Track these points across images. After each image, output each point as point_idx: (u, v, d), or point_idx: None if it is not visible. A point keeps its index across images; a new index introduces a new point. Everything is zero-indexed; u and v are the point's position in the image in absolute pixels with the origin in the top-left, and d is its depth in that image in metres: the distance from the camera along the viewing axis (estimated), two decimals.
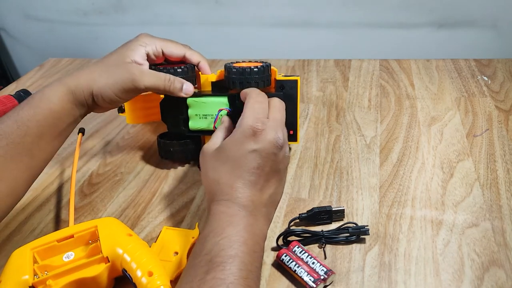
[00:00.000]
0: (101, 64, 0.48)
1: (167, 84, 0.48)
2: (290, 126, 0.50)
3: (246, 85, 0.47)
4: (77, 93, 0.45)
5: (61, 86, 0.45)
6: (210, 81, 0.52)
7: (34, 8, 1.10)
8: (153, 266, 0.37)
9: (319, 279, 0.38)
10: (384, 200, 0.48)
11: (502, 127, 0.59)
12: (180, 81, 0.49)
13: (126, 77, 0.46)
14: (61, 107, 0.45)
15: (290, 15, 0.94)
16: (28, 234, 0.48)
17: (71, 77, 0.46)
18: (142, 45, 0.49)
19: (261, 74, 0.48)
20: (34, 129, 0.43)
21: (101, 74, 0.46)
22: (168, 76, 0.48)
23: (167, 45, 0.51)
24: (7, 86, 0.86)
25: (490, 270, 0.40)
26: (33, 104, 0.44)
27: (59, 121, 0.45)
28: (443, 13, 0.85)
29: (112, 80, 0.46)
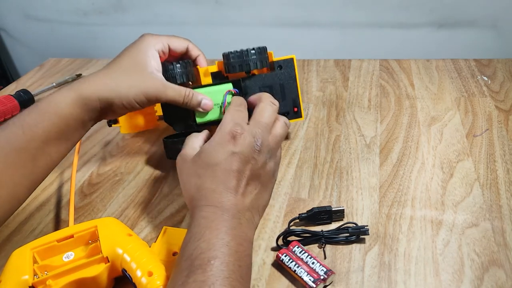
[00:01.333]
0: (117, 70, 0.47)
1: (186, 100, 0.48)
2: (293, 103, 0.53)
3: (245, 67, 0.49)
4: (89, 98, 0.44)
5: (70, 91, 0.44)
6: (210, 72, 0.53)
7: (34, 8, 1.10)
8: (153, 266, 0.37)
9: (319, 279, 0.38)
10: (384, 200, 0.48)
11: (502, 127, 0.59)
12: (197, 96, 0.49)
13: (151, 90, 0.46)
14: (69, 112, 0.43)
15: (290, 15, 0.94)
16: (28, 234, 0.48)
17: (82, 83, 0.45)
18: (152, 46, 0.49)
19: (259, 55, 0.50)
20: (40, 134, 0.42)
21: (121, 82, 0.46)
22: (188, 92, 0.48)
23: (171, 41, 0.51)
24: (7, 86, 0.86)
25: (490, 270, 0.40)
26: (40, 109, 0.43)
27: (66, 127, 0.44)
28: (443, 13, 0.85)
29: (135, 91, 0.45)
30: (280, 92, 0.52)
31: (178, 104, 0.48)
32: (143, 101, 0.46)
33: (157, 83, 0.47)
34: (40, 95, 0.78)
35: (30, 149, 0.42)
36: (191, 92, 0.48)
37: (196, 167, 0.40)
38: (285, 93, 0.52)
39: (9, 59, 1.25)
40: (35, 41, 1.17)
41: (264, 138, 0.40)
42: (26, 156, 0.42)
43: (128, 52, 0.48)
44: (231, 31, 1.00)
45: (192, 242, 0.35)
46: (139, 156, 0.60)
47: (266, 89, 0.52)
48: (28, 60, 1.23)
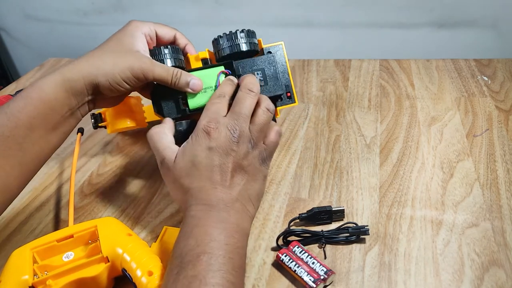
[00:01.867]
0: (103, 51, 0.46)
1: (174, 79, 0.47)
2: (285, 89, 0.53)
3: (235, 48, 0.49)
4: (75, 81, 0.43)
5: (55, 75, 0.43)
6: (201, 58, 0.52)
7: (34, 8, 1.10)
8: (153, 265, 0.37)
9: (319, 279, 0.38)
10: (384, 200, 0.48)
11: (502, 127, 0.59)
12: (187, 75, 0.48)
13: (137, 66, 0.45)
14: (54, 97, 0.42)
15: (290, 15, 0.94)
16: (28, 234, 0.48)
17: (67, 66, 0.44)
18: (139, 29, 0.48)
19: (248, 38, 0.50)
20: (25, 120, 0.41)
21: (106, 61, 0.44)
22: (177, 71, 0.47)
23: (158, 27, 0.51)
24: (7, 86, 0.86)
25: (490, 270, 0.40)
26: (24, 95, 0.42)
27: (52, 111, 0.42)
28: (443, 13, 0.85)
29: (121, 66, 0.44)
30: (272, 75, 0.52)
31: (166, 83, 0.47)
32: (129, 78, 0.45)
33: (144, 59, 0.46)
34: None
35: (17, 137, 0.41)
36: (179, 72, 0.47)
37: (179, 171, 0.40)
38: (277, 77, 0.52)
39: (9, 59, 1.25)
40: (35, 41, 1.17)
41: (242, 129, 0.40)
42: (13, 144, 0.41)
43: (114, 35, 0.48)
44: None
45: (181, 241, 0.35)
46: (139, 156, 0.60)
47: (259, 72, 0.51)
48: (28, 60, 1.23)
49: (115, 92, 0.46)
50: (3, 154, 0.40)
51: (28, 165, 0.43)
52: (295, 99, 0.53)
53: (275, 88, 0.50)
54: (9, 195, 0.42)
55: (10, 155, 0.41)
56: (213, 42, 0.51)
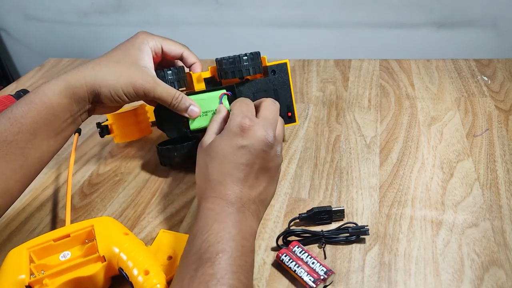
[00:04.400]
0: (108, 61, 0.46)
1: (174, 102, 0.48)
2: (287, 109, 0.53)
3: (238, 73, 0.49)
4: (78, 88, 0.43)
5: (58, 81, 0.43)
6: (204, 78, 0.53)
7: (34, 8, 1.10)
8: (150, 264, 0.37)
9: (319, 279, 0.38)
10: (384, 200, 0.48)
11: (502, 127, 0.59)
12: (187, 100, 0.49)
13: (140, 83, 0.45)
14: (57, 102, 0.43)
15: (290, 15, 0.94)
16: (28, 234, 0.48)
17: (71, 72, 0.44)
18: (146, 43, 0.48)
19: (252, 61, 0.50)
20: (28, 125, 0.41)
21: (110, 71, 0.45)
22: (178, 94, 0.48)
23: (166, 43, 0.51)
24: (7, 86, 0.86)
25: (490, 270, 0.39)
26: (28, 100, 0.42)
27: (54, 117, 0.43)
28: (443, 13, 0.85)
29: (124, 81, 0.45)
30: (274, 97, 0.52)
31: (166, 104, 0.48)
32: (130, 93, 0.45)
33: (147, 78, 0.46)
34: None
35: (19, 142, 0.41)
36: (180, 95, 0.48)
37: (206, 157, 0.41)
38: (279, 98, 0.52)
39: (9, 59, 1.25)
40: (35, 41, 1.17)
41: (275, 132, 0.41)
42: (16, 148, 0.41)
43: (121, 45, 0.48)
44: (231, 31, 1.00)
45: (200, 235, 0.35)
46: (139, 156, 0.60)
47: (260, 94, 0.52)
48: (28, 60, 1.23)
49: (114, 103, 0.46)
50: (5, 159, 0.40)
51: (29, 169, 0.43)
52: (296, 118, 0.54)
53: None
54: (9, 198, 0.42)
55: (12, 160, 0.41)
56: (217, 60, 0.51)
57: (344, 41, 0.94)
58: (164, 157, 0.53)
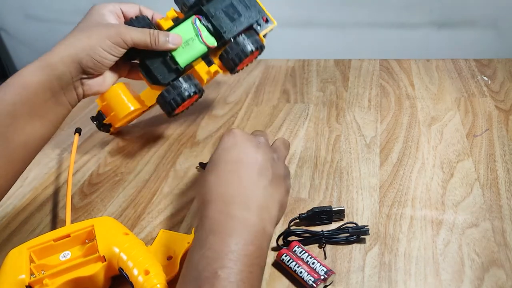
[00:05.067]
0: (77, 31, 0.46)
1: (152, 38, 0.47)
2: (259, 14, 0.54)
3: None
4: (55, 63, 0.43)
5: (34, 62, 0.43)
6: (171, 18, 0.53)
7: (34, 8, 1.10)
8: (150, 264, 0.37)
9: (319, 279, 0.38)
10: (384, 200, 0.48)
11: (502, 127, 0.59)
12: (164, 33, 0.48)
13: (112, 32, 0.45)
14: (35, 81, 0.42)
15: (290, 15, 0.94)
16: (28, 234, 0.48)
17: (46, 53, 0.44)
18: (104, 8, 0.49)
19: None
20: (7, 108, 0.40)
21: (81, 38, 0.45)
22: (153, 31, 0.48)
23: (122, 5, 0.51)
24: None
25: (490, 270, 0.39)
26: (4, 84, 0.42)
27: (34, 97, 0.42)
28: (443, 13, 0.85)
29: (97, 37, 0.45)
30: (242, 6, 0.52)
31: (145, 44, 0.47)
32: (109, 46, 0.45)
33: (118, 26, 0.46)
34: None
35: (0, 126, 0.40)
36: (156, 31, 0.48)
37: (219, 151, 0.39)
38: (247, 6, 0.53)
39: (9, 59, 1.25)
40: (35, 41, 1.17)
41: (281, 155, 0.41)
42: None
43: (83, 19, 0.49)
44: None
45: (197, 250, 0.32)
46: (139, 156, 0.60)
47: (229, 8, 0.52)
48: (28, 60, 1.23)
49: (99, 66, 0.45)
50: None
51: (14, 155, 0.41)
52: (272, 20, 0.55)
53: (249, 18, 0.52)
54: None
55: None
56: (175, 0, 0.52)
57: (344, 41, 0.94)
58: (165, 101, 0.51)
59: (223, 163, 0.38)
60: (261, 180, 0.37)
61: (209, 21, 0.51)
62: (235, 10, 0.51)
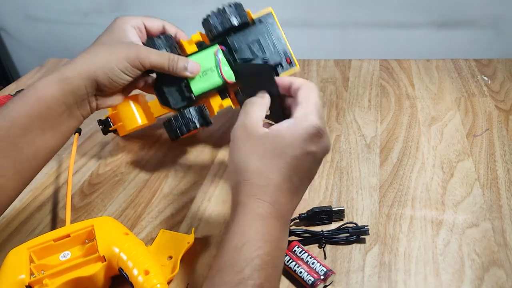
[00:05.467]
0: (97, 46, 0.46)
1: (171, 63, 0.46)
2: (284, 54, 0.52)
3: (227, 23, 0.48)
4: (71, 78, 0.43)
5: (51, 75, 0.43)
6: (195, 42, 0.52)
7: (34, 9, 1.10)
8: (150, 265, 0.37)
9: (319, 279, 0.38)
10: (384, 200, 0.48)
11: (502, 127, 0.59)
12: (184, 60, 0.48)
13: (133, 54, 0.45)
14: (50, 95, 0.42)
15: (290, 15, 0.94)
16: (28, 234, 0.48)
17: (64, 65, 0.44)
18: (127, 23, 0.48)
19: (236, 10, 0.49)
20: (21, 120, 0.40)
21: (100, 54, 0.44)
22: (173, 56, 0.47)
23: (146, 20, 0.50)
24: (7, 86, 0.86)
25: (490, 270, 0.39)
26: (21, 95, 0.42)
27: (48, 110, 0.42)
28: (443, 13, 0.85)
29: (117, 57, 0.44)
30: (268, 44, 0.51)
31: (163, 69, 0.47)
32: (126, 67, 0.45)
33: (138, 47, 0.46)
34: None
35: (12, 137, 0.40)
36: (176, 56, 0.47)
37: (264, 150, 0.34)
38: (274, 45, 0.51)
39: (9, 59, 1.25)
40: (35, 41, 1.17)
41: None
42: (8, 144, 0.40)
43: (104, 32, 0.48)
44: None
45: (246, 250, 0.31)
46: (139, 156, 0.60)
47: (255, 44, 0.51)
48: (28, 60, 1.23)
49: (114, 85, 0.45)
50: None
51: (23, 166, 0.42)
52: (296, 63, 0.53)
53: (273, 57, 0.50)
54: (4, 197, 0.41)
55: (4, 156, 0.40)
56: (203, 23, 0.50)
57: (344, 41, 0.94)
58: (171, 128, 0.51)
59: None
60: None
61: (231, 54, 0.50)
62: (260, 46, 0.50)
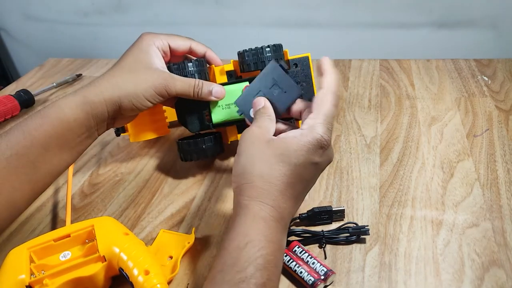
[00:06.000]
0: (122, 71, 0.45)
1: (196, 90, 0.47)
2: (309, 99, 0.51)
3: (261, 64, 0.48)
4: (96, 103, 0.43)
5: (76, 96, 0.43)
6: (226, 71, 0.52)
7: (34, 8, 1.10)
8: (150, 265, 0.37)
9: (319, 279, 0.38)
10: (384, 200, 0.48)
11: (502, 127, 0.59)
12: (208, 85, 0.48)
13: (159, 83, 0.45)
14: (73, 118, 0.42)
15: (290, 15, 0.94)
16: (28, 234, 0.48)
17: (88, 87, 0.43)
18: (152, 44, 0.47)
19: (274, 53, 0.48)
20: (41, 139, 0.40)
21: (127, 81, 0.44)
22: (198, 82, 0.47)
23: (172, 39, 0.50)
24: (7, 86, 0.86)
25: (490, 270, 0.39)
26: (43, 113, 0.41)
27: (69, 132, 0.42)
28: (443, 13, 0.85)
29: (143, 86, 0.44)
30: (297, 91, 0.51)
31: (188, 96, 0.47)
32: (152, 96, 0.45)
33: (164, 75, 0.46)
34: (40, 95, 0.78)
35: (30, 155, 0.40)
36: (201, 82, 0.47)
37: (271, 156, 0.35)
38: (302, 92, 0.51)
39: (9, 59, 1.25)
40: (35, 41, 1.17)
41: None
42: (26, 161, 0.40)
43: (129, 52, 0.47)
44: (231, 31, 1.00)
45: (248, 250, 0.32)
46: (139, 156, 0.60)
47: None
48: (28, 60, 1.23)
49: (137, 111, 0.46)
50: (15, 171, 0.39)
51: (39, 183, 0.42)
52: None
53: None
54: (15, 211, 0.41)
55: (22, 173, 0.40)
56: (238, 54, 0.50)
57: (344, 41, 0.94)
58: (185, 151, 0.52)
59: None
60: None
61: None
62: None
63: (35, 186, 0.42)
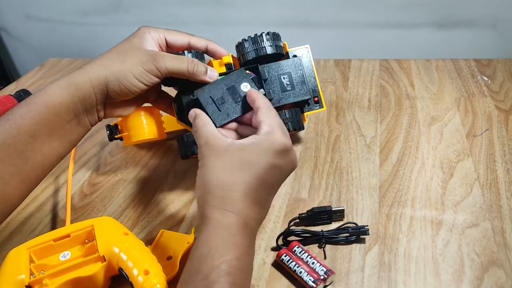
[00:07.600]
0: (112, 52, 0.43)
1: (191, 67, 0.43)
2: (313, 93, 0.52)
3: (261, 51, 0.48)
4: (81, 84, 0.40)
5: (60, 80, 0.41)
6: (225, 63, 0.50)
7: (35, 8, 1.10)
8: (149, 264, 0.37)
9: (319, 279, 0.38)
10: (384, 200, 0.48)
11: (502, 127, 0.59)
12: (204, 64, 0.45)
13: (146, 58, 0.42)
14: (58, 101, 0.40)
15: (290, 15, 0.94)
16: (28, 234, 0.48)
17: (76, 71, 0.41)
18: (147, 33, 0.46)
19: (273, 40, 0.48)
20: (27, 127, 0.39)
21: (114, 60, 0.42)
22: (192, 59, 0.44)
23: (169, 33, 0.48)
24: (7, 86, 0.86)
25: (490, 270, 0.39)
26: (28, 100, 0.40)
27: (56, 117, 0.40)
28: (443, 13, 0.85)
29: (130, 62, 0.42)
30: (299, 79, 0.49)
31: (182, 72, 0.43)
32: (141, 73, 0.42)
33: (153, 52, 0.43)
34: None
35: (18, 144, 0.39)
36: (195, 60, 0.44)
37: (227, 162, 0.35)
38: (304, 81, 0.49)
39: (9, 59, 1.25)
40: (35, 41, 1.17)
41: None
42: (14, 151, 0.39)
43: (124, 40, 0.46)
44: (231, 31, 1.00)
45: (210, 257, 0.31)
46: (139, 156, 0.60)
47: (285, 76, 0.49)
48: (28, 60, 1.23)
49: (126, 93, 0.42)
50: (3, 162, 0.38)
51: (29, 175, 0.40)
52: (323, 104, 0.52)
53: (302, 93, 0.49)
54: (7, 205, 0.40)
55: (10, 164, 0.39)
56: (236, 47, 0.49)
57: (344, 41, 0.94)
58: (185, 145, 0.50)
59: None
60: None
61: (259, 83, 0.48)
62: (290, 81, 0.49)
63: (26, 178, 0.40)
